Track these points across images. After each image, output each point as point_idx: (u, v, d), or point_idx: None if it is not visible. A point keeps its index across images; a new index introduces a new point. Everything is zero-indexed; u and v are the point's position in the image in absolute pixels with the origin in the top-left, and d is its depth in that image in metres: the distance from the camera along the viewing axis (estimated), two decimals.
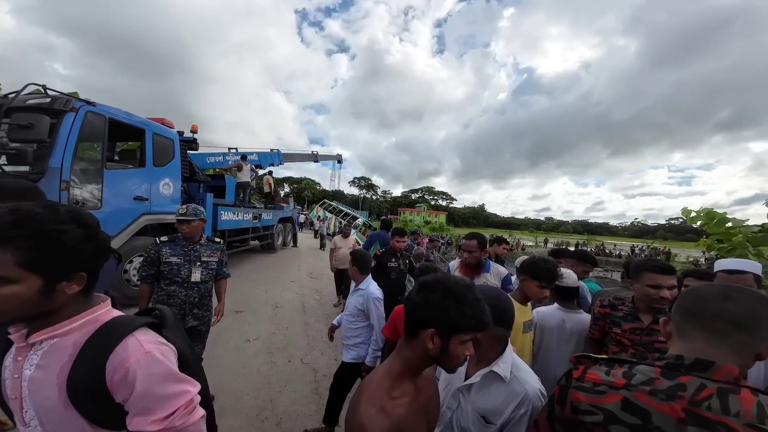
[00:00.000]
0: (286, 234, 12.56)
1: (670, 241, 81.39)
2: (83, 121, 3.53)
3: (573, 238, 51.26)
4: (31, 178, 3.14)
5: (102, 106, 3.85)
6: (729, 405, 0.57)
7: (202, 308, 2.37)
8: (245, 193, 8.57)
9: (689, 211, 3.04)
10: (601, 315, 1.60)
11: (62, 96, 3.53)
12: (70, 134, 3.37)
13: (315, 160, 16.44)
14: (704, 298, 0.68)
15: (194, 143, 6.31)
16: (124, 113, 4.23)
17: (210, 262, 2.38)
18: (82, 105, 3.57)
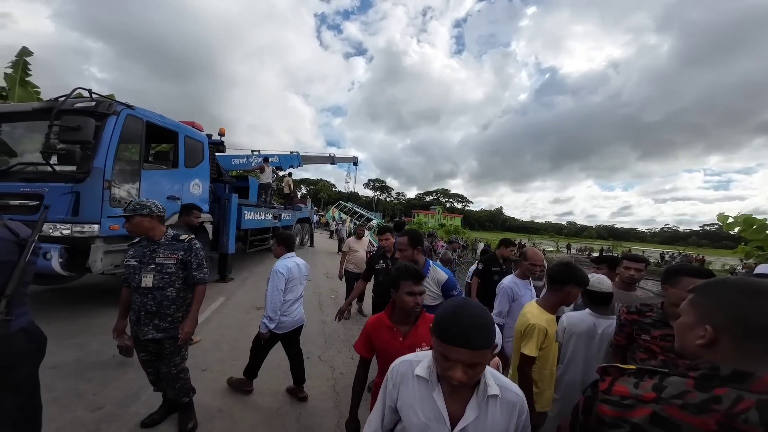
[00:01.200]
0: (304, 234, 12.82)
1: (704, 248, 76.29)
2: (124, 124, 3.77)
3: (597, 244, 49.08)
4: (77, 178, 3.39)
5: (140, 110, 4.10)
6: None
7: (165, 319, 1.97)
8: (267, 193, 8.84)
9: (726, 217, 2.85)
10: (627, 321, 1.56)
11: (105, 99, 3.79)
12: (113, 136, 3.61)
13: (332, 162, 16.73)
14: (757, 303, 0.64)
15: (221, 146, 6.60)
16: (159, 116, 4.49)
17: (166, 265, 1.95)
18: (123, 108, 3.82)
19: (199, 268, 2.08)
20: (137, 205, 1.96)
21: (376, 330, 1.51)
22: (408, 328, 1.47)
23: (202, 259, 2.09)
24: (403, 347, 1.39)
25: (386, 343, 1.46)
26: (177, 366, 2.06)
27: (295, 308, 2.65)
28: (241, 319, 4.31)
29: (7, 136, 4.08)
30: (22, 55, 7.11)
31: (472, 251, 26.04)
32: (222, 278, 6.11)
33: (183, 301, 2.05)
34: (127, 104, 3.96)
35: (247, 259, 8.55)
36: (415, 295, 1.43)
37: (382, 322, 1.51)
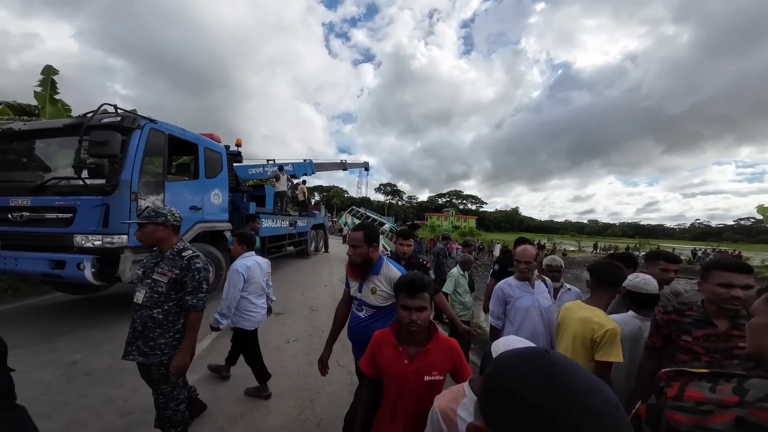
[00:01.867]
0: (318, 240, 12.95)
1: (740, 244, 71.26)
2: (147, 137, 3.94)
3: (622, 242, 46.83)
4: (106, 190, 3.56)
5: (161, 123, 4.28)
6: None
7: (147, 343, 1.75)
8: (282, 201, 9.01)
9: (766, 209, 2.61)
10: (664, 322, 1.46)
11: (129, 114, 3.98)
12: (138, 149, 3.78)
13: (344, 168, 16.88)
14: None
15: (239, 156, 6.79)
16: (180, 129, 4.67)
17: (159, 282, 1.75)
18: (147, 123, 4.00)
19: (194, 292, 1.79)
20: (152, 212, 1.80)
21: (380, 347, 1.34)
22: (416, 350, 1.28)
23: (200, 282, 1.81)
24: (408, 372, 1.23)
25: (390, 363, 1.28)
26: (165, 395, 1.81)
27: (256, 307, 2.77)
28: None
29: (41, 152, 4.36)
30: (48, 74, 7.49)
31: (489, 253, 25.54)
32: None
33: (171, 326, 1.78)
34: (150, 118, 4.14)
35: None
36: (410, 311, 1.23)
37: (387, 338, 1.34)
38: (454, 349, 1.30)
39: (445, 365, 1.27)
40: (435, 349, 1.27)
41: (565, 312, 1.70)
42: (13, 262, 3.57)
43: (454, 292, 3.70)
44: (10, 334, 3.51)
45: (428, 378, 1.22)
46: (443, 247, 5.98)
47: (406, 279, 1.29)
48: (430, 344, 1.27)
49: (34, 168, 4.41)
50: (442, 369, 1.25)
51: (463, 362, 1.31)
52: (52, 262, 3.47)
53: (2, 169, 4.20)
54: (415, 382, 1.22)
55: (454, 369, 1.29)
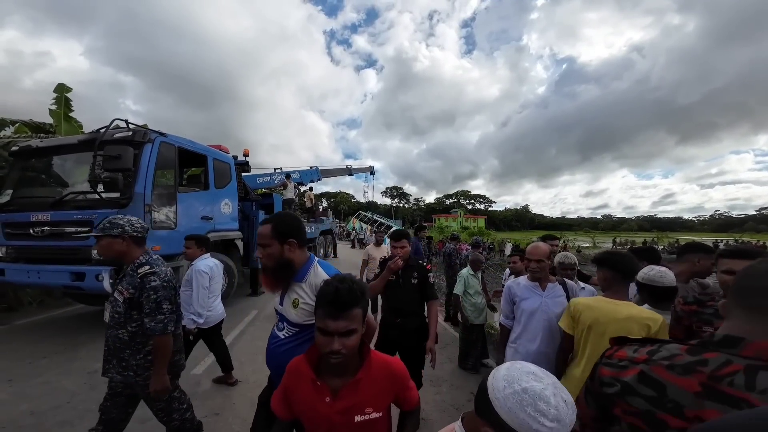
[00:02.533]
0: (327, 245, 13.01)
1: (764, 234, 68.14)
2: (158, 151, 4.05)
3: (639, 236, 45.41)
4: (122, 203, 3.67)
5: (171, 137, 4.40)
6: (756, 382, 0.53)
7: (121, 363, 1.62)
8: (290, 208, 9.12)
9: None
10: (686, 313, 1.43)
11: (141, 129, 4.10)
12: (149, 162, 3.89)
13: (349, 173, 17.00)
14: (753, 275, 0.62)
15: (247, 166, 6.92)
16: (189, 142, 4.79)
17: (117, 302, 1.59)
18: (157, 136, 4.11)
19: (152, 314, 1.55)
20: (107, 223, 1.60)
21: (294, 380, 0.99)
22: (342, 382, 0.94)
23: (158, 303, 1.56)
24: (332, 413, 0.91)
25: (306, 403, 0.95)
26: (163, 410, 1.73)
27: (218, 303, 2.92)
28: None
29: (58, 168, 4.53)
30: (61, 92, 7.70)
31: (500, 252, 25.15)
32: (254, 292, 6.30)
33: (141, 347, 1.62)
34: (160, 132, 4.26)
35: None
36: (330, 336, 0.87)
37: (302, 369, 0.97)
38: (395, 372, 1.00)
39: (384, 397, 0.98)
40: (368, 379, 0.94)
41: (590, 311, 1.49)
42: (36, 275, 3.70)
43: (464, 293, 3.64)
44: (35, 346, 3.66)
45: (361, 418, 0.91)
46: (454, 248, 5.90)
47: (327, 289, 0.91)
48: (361, 372, 0.94)
49: (53, 184, 4.59)
50: (381, 403, 0.96)
51: (408, 387, 1.04)
52: (73, 274, 3.58)
53: (23, 186, 4.38)
54: (343, 425, 0.91)
55: (396, 398, 1.02)
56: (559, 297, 1.93)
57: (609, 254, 1.68)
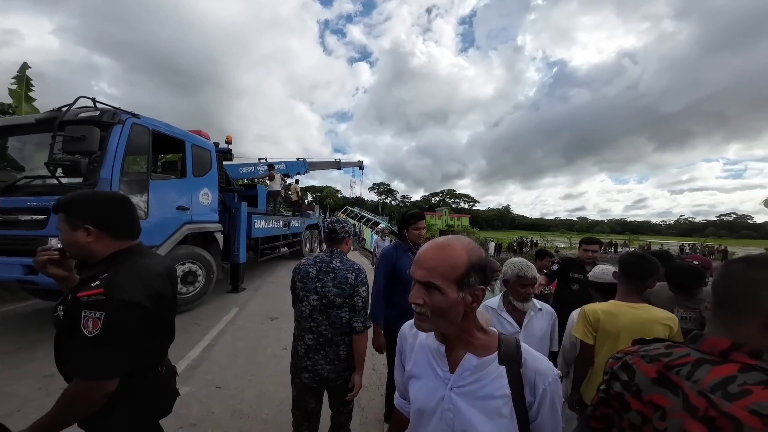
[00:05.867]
0: (313, 240, 12.70)
1: (723, 239, 73.73)
2: (130, 133, 3.68)
3: (610, 238, 47.70)
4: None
5: (145, 119, 4.02)
6: (695, 372, 0.59)
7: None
8: (275, 201, 8.75)
9: None
10: None
11: (110, 109, 3.71)
12: (119, 146, 3.52)
13: (338, 167, 16.67)
14: (714, 282, 0.67)
15: (229, 154, 6.52)
16: (166, 125, 4.40)
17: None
18: (128, 117, 3.74)
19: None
20: None
21: None
22: None
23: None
24: None
25: None
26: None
27: None
28: (257, 330, 4.14)
29: (16, 151, 4.04)
30: (23, 71, 7.13)
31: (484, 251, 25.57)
32: (235, 289, 5.98)
33: None
34: (133, 113, 3.88)
35: (259, 268, 8.44)
36: None
37: None
38: None
39: None
40: None
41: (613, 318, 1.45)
42: None
43: None
44: None
45: None
46: None
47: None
48: None
49: (8, 168, 4.09)
50: None
51: None
52: (26, 267, 3.19)
53: None
54: None
55: None
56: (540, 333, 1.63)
57: (622, 257, 1.63)
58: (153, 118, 4.22)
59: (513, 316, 1.64)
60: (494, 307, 1.69)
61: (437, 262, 0.69)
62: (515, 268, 1.59)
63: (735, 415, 0.51)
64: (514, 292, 1.61)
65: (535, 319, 1.65)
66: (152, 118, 4.20)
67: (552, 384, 0.71)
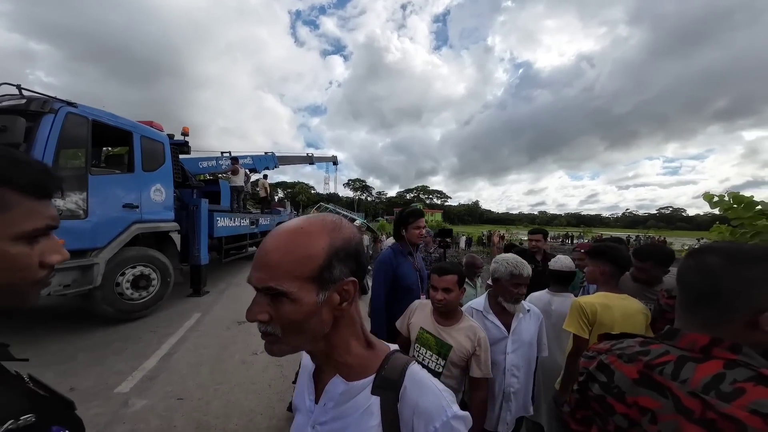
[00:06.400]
0: None
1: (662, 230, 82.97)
2: (63, 124, 3.24)
3: (567, 231, 51.68)
4: None
5: (84, 108, 3.57)
6: (681, 371, 0.58)
7: None
8: (240, 197, 8.27)
9: (711, 196, 2.82)
10: (669, 307, 1.48)
11: (40, 97, 3.25)
12: (50, 137, 3.09)
13: (310, 162, 16.18)
14: (680, 271, 0.66)
15: (186, 146, 6.02)
16: (109, 115, 3.94)
17: None
18: (62, 106, 3.29)
19: None
20: None
21: None
22: None
23: None
24: None
25: None
26: None
27: None
28: (222, 336, 3.89)
29: None
30: None
31: (455, 245, 26.43)
32: (196, 292, 5.58)
33: None
34: (69, 102, 3.43)
35: (223, 269, 7.97)
36: None
37: None
38: None
39: None
40: None
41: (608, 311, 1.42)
42: None
43: None
44: None
45: None
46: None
47: None
48: None
49: None
50: None
51: None
52: None
53: None
54: None
55: None
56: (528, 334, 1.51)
57: (607, 247, 1.58)
58: (94, 108, 3.75)
59: (500, 318, 1.50)
60: (479, 308, 1.56)
61: (279, 255, 0.46)
62: (509, 265, 1.44)
63: (736, 416, 0.50)
64: (506, 293, 1.45)
65: (524, 321, 1.51)
66: (93, 108, 3.73)
67: (440, 430, 0.47)
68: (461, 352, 1.33)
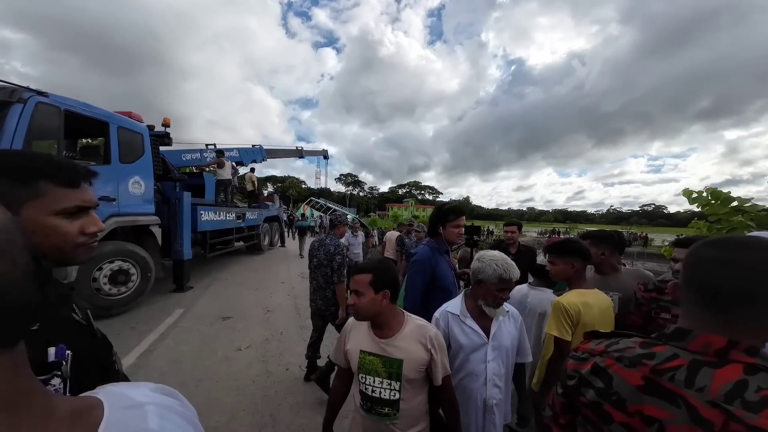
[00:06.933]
0: (273, 234, 12.10)
1: (644, 227, 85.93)
2: (33, 114, 3.09)
3: (554, 227, 52.84)
4: None
5: (56, 97, 3.40)
6: (696, 378, 0.52)
7: None
8: (227, 191, 8.10)
9: (690, 192, 2.91)
10: (645, 300, 1.52)
11: (7, 86, 3.08)
12: (17, 128, 2.95)
13: (300, 155, 15.90)
14: (692, 263, 0.58)
15: (167, 138, 5.83)
16: (84, 105, 3.77)
17: None
18: (32, 95, 3.14)
19: None
20: None
21: None
22: None
23: None
24: None
25: None
26: None
27: None
28: (205, 332, 3.84)
29: None
30: None
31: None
32: (179, 288, 5.46)
33: None
34: (39, 91, 3.26)
35: (208, 264, 7.84)
36: None
37: None
38: None
39: None
40: None
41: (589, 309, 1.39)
42: None
43: None
44: None
45: None
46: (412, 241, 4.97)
47: None
48: None
49: None
50: None
51: None
52: None
53: None
54: None
55: None
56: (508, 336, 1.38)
57: (571, 242, 1.56)
58: (67, 97, 3.58)
59: (479, 322, 1.35)
60: (455, 312, 1.38)
61: None
62: (498, 267, 1.27)
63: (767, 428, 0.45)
64: (490, 296, 1.30)
65: (504, 324, 1.37)
66: (66, 97, 3.56)
67: None
68: (416, 362, 1.12)
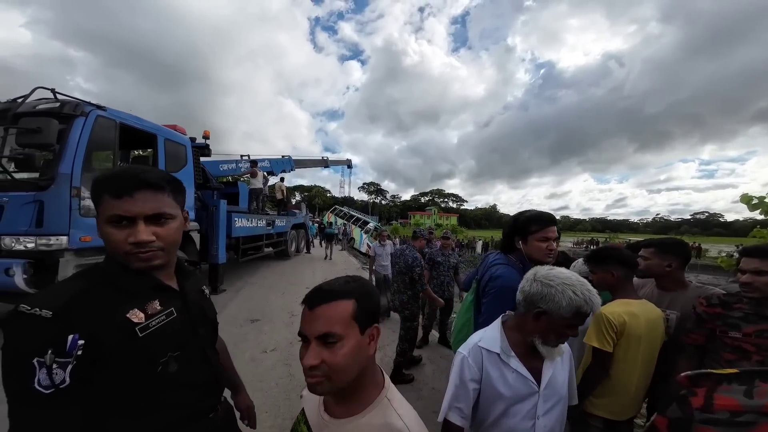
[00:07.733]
0: (299, 240, 12.45)
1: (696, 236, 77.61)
2: (93, 126, 3.43)
3: (592, 236, 49.29)
4: (40, 185, 3.04)
5: (112, 111, 3.77)
6: None
7: None
8: (258, 199, 8.49)
9: (750, 198, 2.56)
10: (709, 316, 1.32)
11: (72, 100, 3.46)
12: (80, 139, 3.27)
13: (325, 165, 16.45)
14: None
15: (207, 149, 6.25)
16: (136, 118, 4.15)
17: None
18: (92, 109, 3.49)
19: None
20: None
21: None
22: None
23: None
24: None
25: None
26: None
27: None
28: (235, 333, 3.97)
29: None
30: None
31: (470, 249, 25.89)
32: (213, 290, 5.74)
33: None
34: (98, 105, 3.63)
35: (240, 269, 8.19)
36: None
37: None
38: None
39: None
40: None
41: (635, 319, 1.30)
42: None
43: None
44: None
45: None
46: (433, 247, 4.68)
47: None
48: None
49: None
50: None
51: None
52: None
53: None
54: None
55: None
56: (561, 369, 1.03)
57: (608, 249, 1.49)
58: (122, 111, 3.96)
59: (526, 363, 0.96)
60: (493, 350, 0.98)
61: None
62: (576, 297, 0.86)
63: None
64: (553, 333, 0.92)
65: (559, 366, 1.00)
66: (121, 111, 3.94)
67: None
68: None
